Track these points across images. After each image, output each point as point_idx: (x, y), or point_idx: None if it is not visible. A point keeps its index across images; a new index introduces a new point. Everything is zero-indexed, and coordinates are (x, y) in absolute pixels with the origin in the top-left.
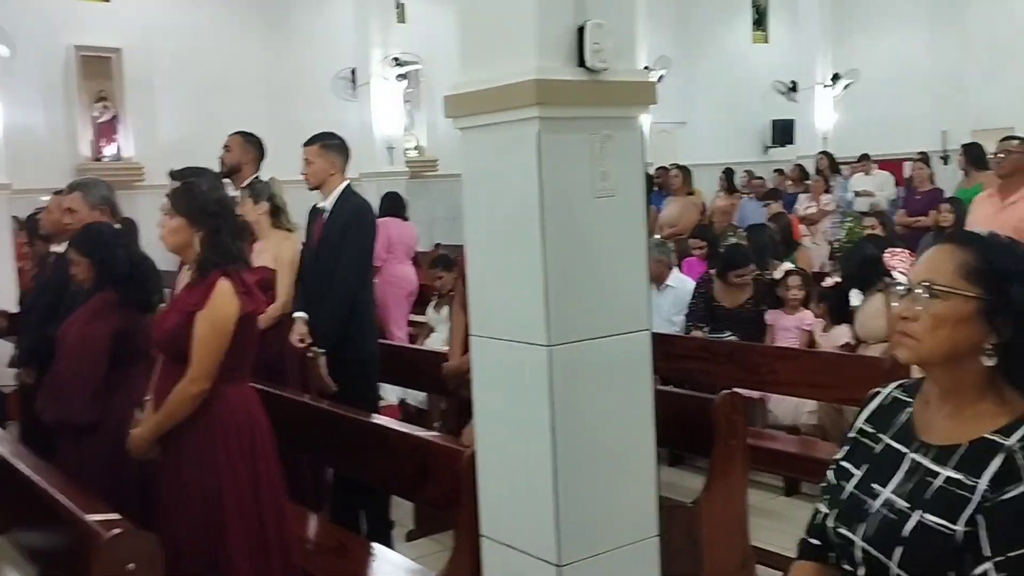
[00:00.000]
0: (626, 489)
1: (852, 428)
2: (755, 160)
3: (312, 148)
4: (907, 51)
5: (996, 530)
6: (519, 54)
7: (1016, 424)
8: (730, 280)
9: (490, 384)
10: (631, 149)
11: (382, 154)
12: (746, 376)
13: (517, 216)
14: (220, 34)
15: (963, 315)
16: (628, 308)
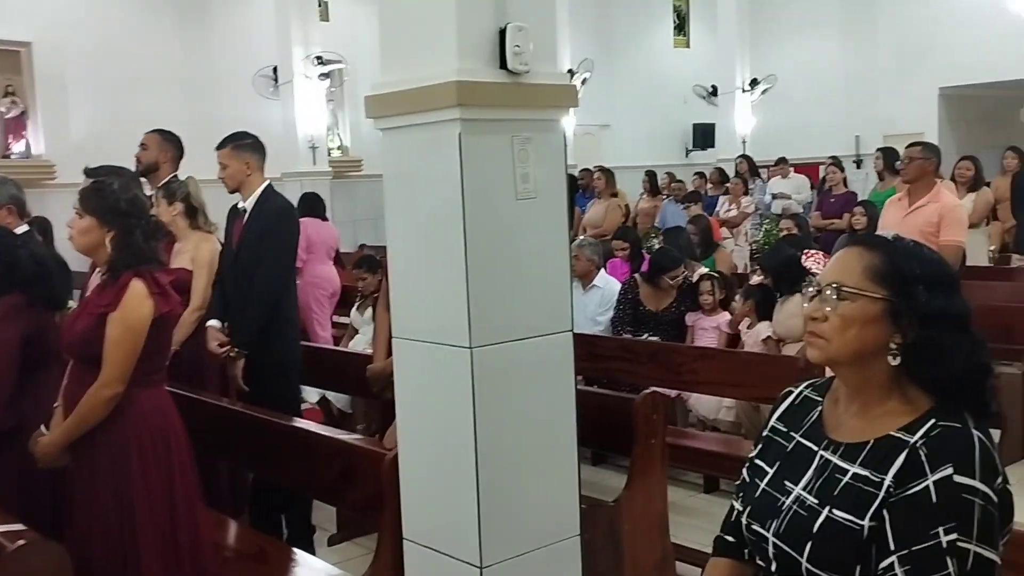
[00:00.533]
0: (548, 489)
1: (765, 427)
2: (677, 163)
3: (224, 151)
4: (821, 58)
5: (900, 524)
6: (440, 56)
7: (920, 422)
8: (661, 284)
9: (412, 386)
10: (553, 151)
11: (305, 154)
12: (667, 376)
13: (439, 218)
14: (135, 29)
15: (870, 316)
16: (550, 309)
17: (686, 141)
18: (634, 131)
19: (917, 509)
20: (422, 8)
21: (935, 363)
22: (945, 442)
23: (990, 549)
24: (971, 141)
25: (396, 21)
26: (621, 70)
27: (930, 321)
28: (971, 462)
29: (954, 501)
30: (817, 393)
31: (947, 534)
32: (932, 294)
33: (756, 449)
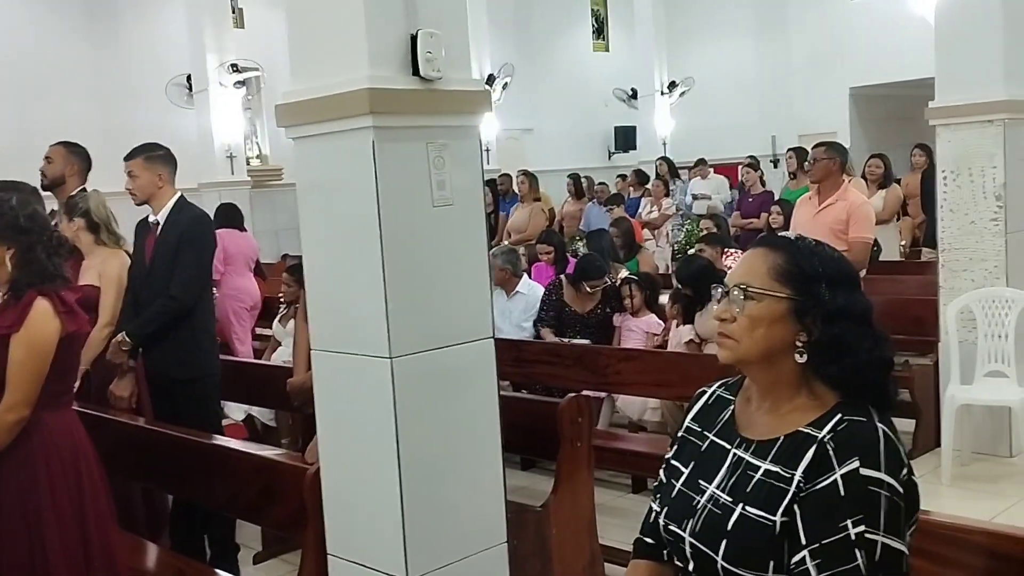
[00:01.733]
0: (474, 498)
1: (680, 427)
2: (600, 165)
3: (135, 161)
4: (737, 60)
5: (810, 519)
6: (351, 63)
7: (827, 417)
8: (582, 289)
9: (333, 399)
10: (469, 157)
11: (222, 163)
12: (593, 378)
13: (355, 227)
14: (42, 37)
15: (776, 315)
16: (470, 316)
17: (608, 144)
18: (557, 135)
19: (826, 503)
20: (331, 15)
21: (839, 359)
22: (851, 436)
23: (897, 539)
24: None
25: (305, 29)
26: (542, 74)
27: (833, 318)
28: (876, 455)
29: (861, 493)
30: (730, 392)
31: (855, 526)
32: (834, 292)
33: (672, 450)
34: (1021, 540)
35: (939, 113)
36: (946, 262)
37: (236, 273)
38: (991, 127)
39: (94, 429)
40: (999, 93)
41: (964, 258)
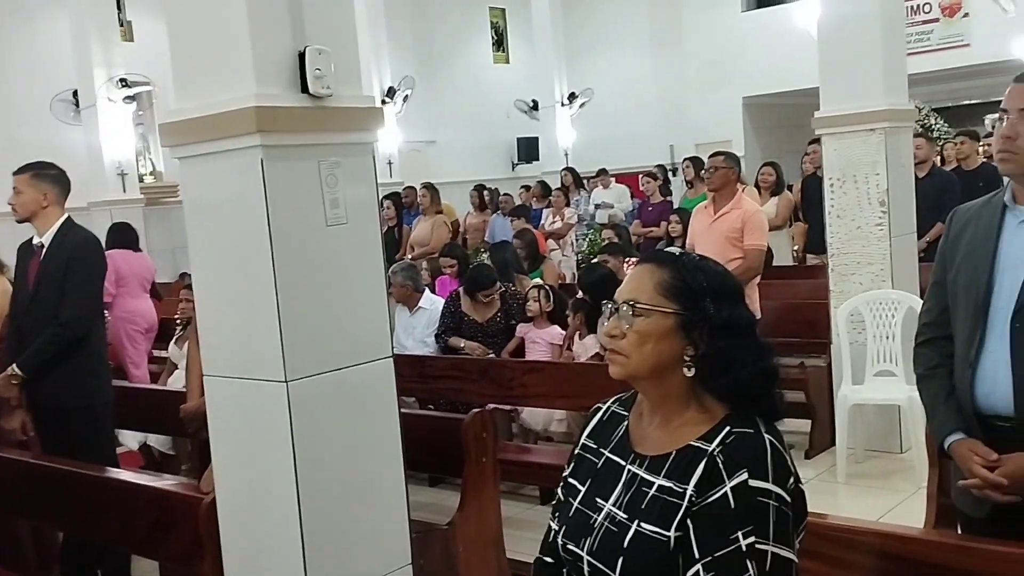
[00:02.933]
0: (377, 520)
1: (577, 444)
2: (504, 176)
3: (23, 177)
4: (634, 70)
5: (703, 532)
6: (237, 80)
7: (716, 430)
8: (477, 299)
9: (227, 425)
10: (363, 175)
11: (114, 181)
12: (499, 391)
13: (246, 248)
14: None
15: (664, 330)
16: (368, 336)
17: (511, 155)
18: (460, 146)
19: (717, 516)
20: (215, 32)
21: (726, 371)
22: (739, 448)
23: (786, 548)
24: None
25: (188, 45)
26: (444, 86)
27: (719, 331)
28: (764, 466)
29: (750, 505)
30: (624, 408)
31: (745, 537)
32: (719, 306)
33: (569, 467)
34: (908, 539)
35: (824, 122)
36: (835, 266)
37: (130, 295)
38: (873, 135)
39: None
40: (880, 103)
41: (852, 262)
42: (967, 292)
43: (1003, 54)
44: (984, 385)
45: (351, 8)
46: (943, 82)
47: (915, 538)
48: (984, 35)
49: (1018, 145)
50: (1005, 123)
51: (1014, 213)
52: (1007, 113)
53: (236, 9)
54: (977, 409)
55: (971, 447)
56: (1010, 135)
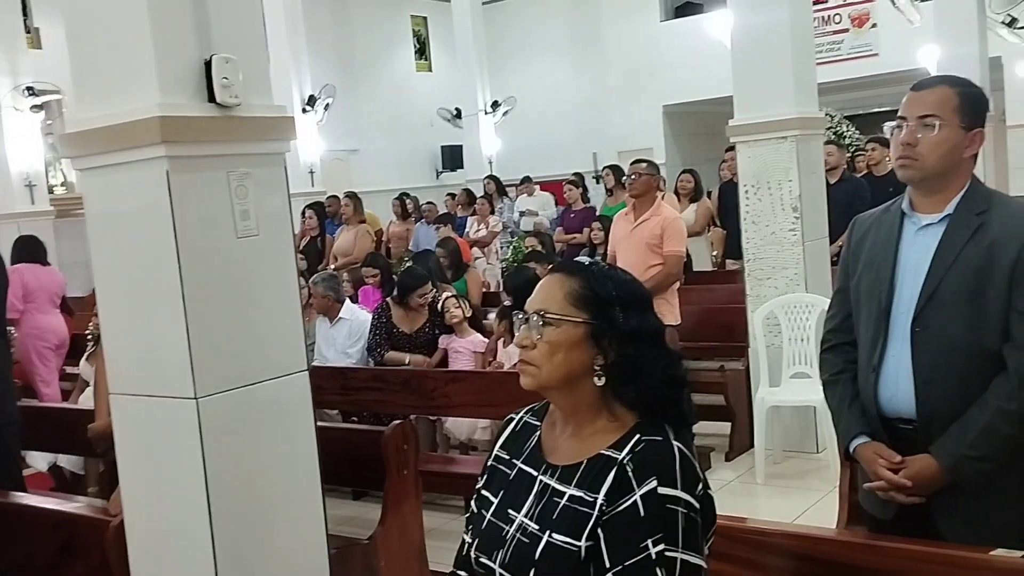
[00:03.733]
0: (293, 538)
1: (490, 456)
2: (428, 185)
3: None
4: (556, 79)
5: (613, 541)
6: (140, 89)
7: (626, 438)
8: (412, 303)
9: (135, 445)
10: (274, 185)
11: (21, 192)
12: (422, 402)
13: (152, 261)
14: None
15: (574, 340)
16: (282, 350)
17: (435, 163)
18: (384, 155)
19: (627, 524)
20: (117, 39)
21: (635, 380)
22: (649, 456)
23: (695, 555)
24: (693, 154)
25: (89, 53)
26: (367, 95)
27: (628, 340)
28: (673, 473)
29: (660, 512)
30: (536, 418)
31: (655, 545)
32: (627, 314)
33: (482, 479)
34: (819, 540)
35: (738, 130)
36: (751, 271)
37: (39, 310)
38: (785, 143)
39: None
40: (791, 111)
41: (767, 267)
42: (869, 298)
43: (910, 63)
44: (887, 388)
45: (259, 16)
46: (854, 90)
47: (825, 538)
48: (892, 45)
49: (918, 152)
50: (904, 131)
51: (912, 220)
52: (906, 121)
53: (138, 16)
54: (881, 412)
55: (875, 450)
56: (910, 142)
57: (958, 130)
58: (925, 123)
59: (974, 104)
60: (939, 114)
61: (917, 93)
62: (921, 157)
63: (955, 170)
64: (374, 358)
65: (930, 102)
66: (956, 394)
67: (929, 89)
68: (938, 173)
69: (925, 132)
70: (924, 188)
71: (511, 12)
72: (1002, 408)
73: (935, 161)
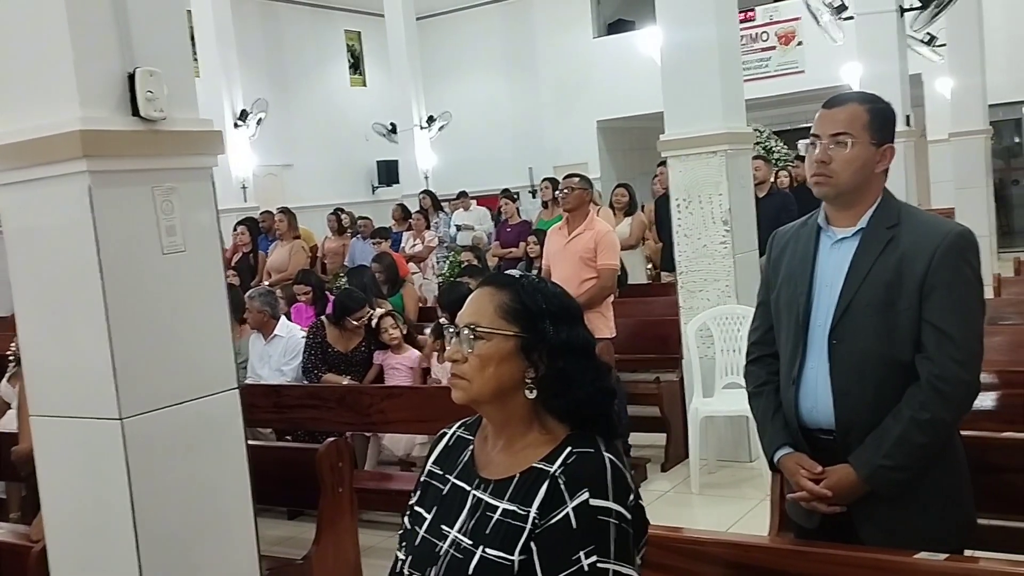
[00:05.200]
0: (224, 560)
1: (423, 471)
2: (364, 200)
3: None
4: (491, 94)
5: (546, 554)
6: (60, 102)
7: (558, 451)
8: (347, 325)
9: (57, 468)
10: (201, 201)
11: None
12: (358, 419)
13: (73, 279)
14: None
15: (505, 353)
16: (211, 367)
17: (371, 178)
18: (318, 170)
19: (560, 537)
20: (34, 50)
21: (565, 392)
22: (580, 468)
23: (627, 565)
24: (628, 168)
25: (7, 64)
26: (300, 109)
27: (558, 353)
28: (604, 484)
29: (591, 524)
30: (469, 432)
31: (587, 557)
32: (557, 327)
33: (415, 495)
34: (749, 547)
35: (669, 145)
36: (684, 283)
37: None
38: (715, 157)
39: None
40: (719, 126)
41: (699, 279)
42: (788, 311)
43: (834, 79)
44: (807, 400)
45: (184, 28)
46: (781, 106)
47: (756, 545)
48: (817, 62)
49: (831, 169)
50: (818, 148)
51: (828, 234)
52: (819, 138)
53: (57, 28)
54: (802, 423)
55: (798, 460)
56: (824, 159)
57: (869, 146)
58: (837, 140)
59: (884, 120)
60: (850, 131)
61: (829, 111)
62: (835, 174)
63: (867, 185)
64: (311, 380)
65: (841, 120)
66: (872, 405)
67: (840, 107)
68: (851, 189)
69: (837, 150)
70: (839, 203)
71: (445, 27)
72: (915, 418)
73: (848, 177)
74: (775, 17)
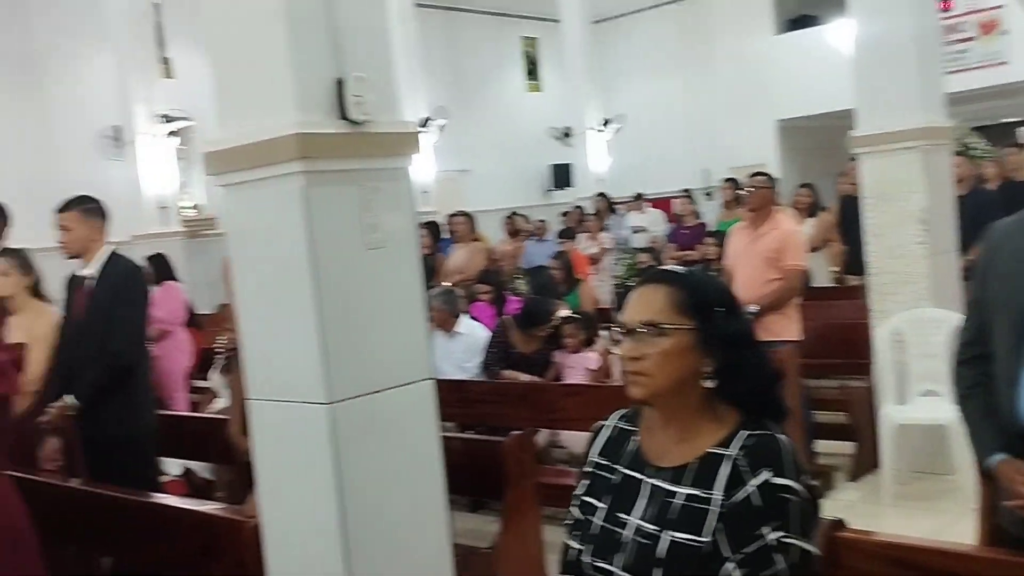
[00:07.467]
0: (419, 543)
1: (587, 463)
2: (538, 204)
3: (71, 214)
4: (667, 95)
5: (732, 532)
6: (278, 108)
7: (732, 435)
8: (530, 333)
9: (270, 447)
10: (400, 199)
11: (154, 215)
12: (538, 415)
13: (287, 273)
14: None
15: (684, 347)
16: (408, 358)
17: (545, 182)
18: (494, 174)
19: (744, 515)
20: (256, 61)
21: (741, 380)
22: (758, 449)
23: (809, 541)
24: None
25: (231, 74)
26: (477, 116)
27: (731, 342)
28: (782, 464)
29: (774, 501)
30: (630, 423)
31: (773, 532)
32: (728, 318)
33: (582, 486)
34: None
35: (861, 142)
36: (875, 285)
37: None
38: (911, 153)
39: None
40: (917, 120)
41: (892, 281)
42: (1007, 308)
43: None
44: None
45: (386, 35)
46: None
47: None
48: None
49: None
50: None
51: None
52: None
53: (277, 38)
54: (1020, 427)
55: (1016, 467)
56: None
57: None
58: None
59: None
60: None
61: None
62: None
63: None
64: (490, 375)
65: None
66: None
67: None
68: None
69: None
70: None
71: (621, 30)
72: None
73: None
74: (976, 5)
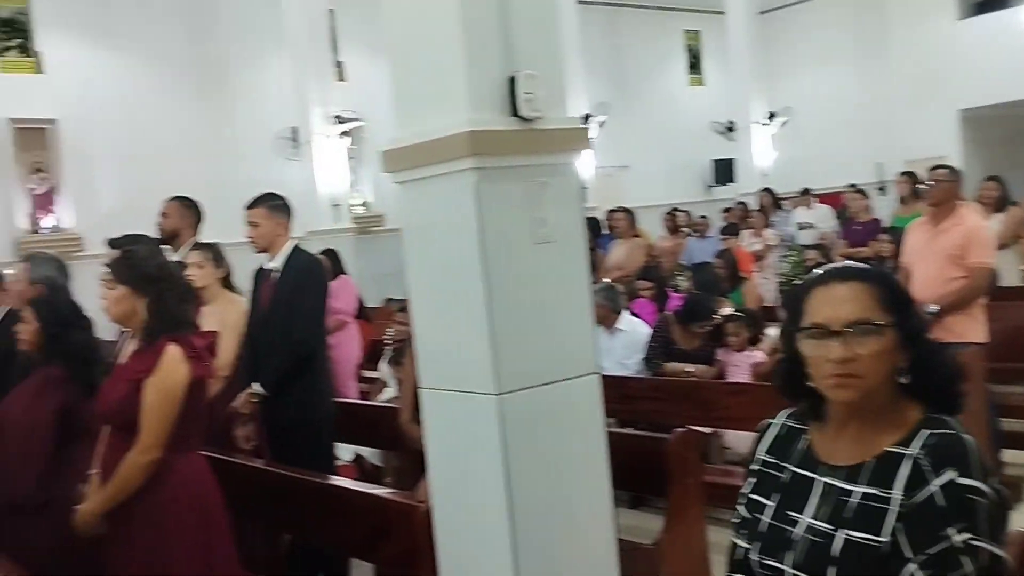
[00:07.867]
0: (584, 535)
1: (753, 461)
2: (699, 200)
3: (258, 211)
4: (837, 87)
5: (914, 532)
6: (452, 107)
7: (913, 434)
8: (691, 329)
9: (441, 436)
10: (568, 194)
11: (327, 211)
12: (700, 413)
13: (459, 266)
14: (156, 100)
15: (892, 344)
16: (575, 352)
17: (706, 177)
18: (654, 170)
19: (927, 515)
20: (432, 61)
21: (930, 375)
22: (942, 448)
23: (997, 545)
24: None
25: (407, 75)
26: (637, 111)
27: (921, 338)
28: (969, 464)
29: (961, 502)
30: (799, 422)
31: (959, 534)
32: (917, 313)
33: (749, 485)
34: None
35: None
36: None
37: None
38: None
39: (215, 471)
40: None
41: None
42: None
43: None
44: None
45: (555, 32)
46: None
47: None
48: None
49: None
50: None
51: None
52: None
53: (452, 39)
54: None
55: None
56: None
57: None
58: None
59: None
60: None
61: None
62: None
63: None
64: (651, 368)
65: None
66: None
67: None
68: None
69: None
70: None
71: (788, 20)
72: None
73: None
74: None
